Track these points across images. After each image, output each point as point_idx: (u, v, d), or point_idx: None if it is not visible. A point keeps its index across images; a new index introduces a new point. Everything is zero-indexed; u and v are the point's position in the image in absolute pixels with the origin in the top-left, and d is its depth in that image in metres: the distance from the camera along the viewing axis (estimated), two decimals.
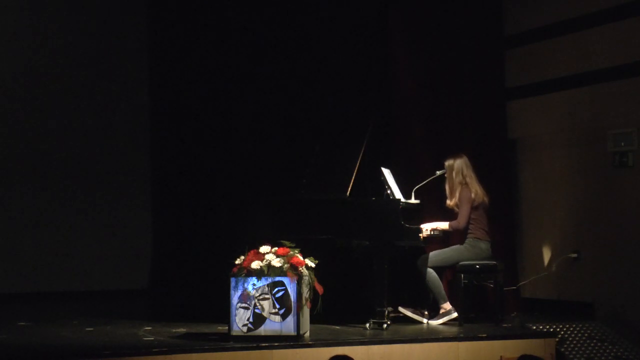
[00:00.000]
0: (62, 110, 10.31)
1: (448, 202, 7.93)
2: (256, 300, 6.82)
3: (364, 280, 7.75)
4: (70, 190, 10.31)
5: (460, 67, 8.73)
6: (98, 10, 10.38)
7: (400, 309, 7.92)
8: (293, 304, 6.80)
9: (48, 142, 10.27)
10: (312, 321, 7.15)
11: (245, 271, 6.85)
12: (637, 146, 7.90)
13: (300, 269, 6.87)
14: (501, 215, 8.46)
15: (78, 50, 10.33)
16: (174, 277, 8.71)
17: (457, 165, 7.90)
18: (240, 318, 6.82)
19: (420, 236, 7.49)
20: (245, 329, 6.82)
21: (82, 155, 10.34)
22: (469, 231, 7.85)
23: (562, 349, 7.36)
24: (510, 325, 7.77)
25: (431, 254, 7.81)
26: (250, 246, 7.01)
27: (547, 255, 8.64)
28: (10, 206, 10.13)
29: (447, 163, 7.94)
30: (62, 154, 10.30)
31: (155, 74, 9.29)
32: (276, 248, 6.94)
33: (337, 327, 7.50)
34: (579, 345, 7.46)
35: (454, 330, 7.46)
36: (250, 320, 6.81)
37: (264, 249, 6.93)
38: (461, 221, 7.81)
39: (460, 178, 7.87)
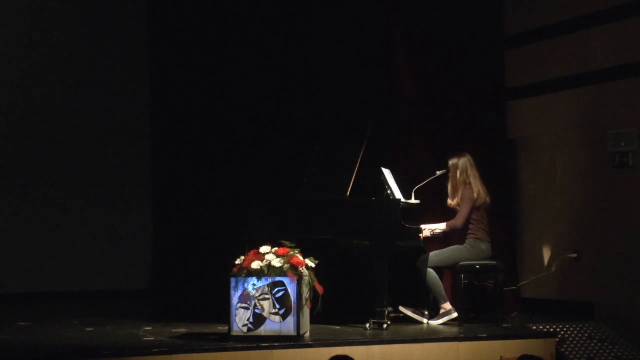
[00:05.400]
0: (62, 111, 10.32)
1: (449, 201, 7.93)
2: (256, 300, 6.82)
3: (364, 280, 7.75)
4: (71, 190, 10.32)
5: (460, 67, 8.72)
6: (98, 10, 10.39)
7: (401, 308, 7.92)
8: (293, 304, 6.80)
9: (48, 142, 10.28)
10: (312, 321, 7.15)
11: (245, 271, 6.85)
12: (637, 146, 7.90)
13: (300, 269, 6.87)
14: (501, 215, 8.46)
15: (78, 50, 10.34)
16: (174, 277, 8.70)
17: (462, 164, 7.89)
18: (240, 318, 6.82)
19: (420, 236, 7.49)
20: (245, 329, 6.82)
21: (82, 156, 10.34)
22: (470, 231, 7.84)
23: (562, 349, 7.36)
24: (510, 325, 7.77)
25: (431, 254, 7.80)
26: (250, 246, 7.01)
27: (547, 255, 8.64)
28: (10, 206, 10.14)
29: (451, 162, 7.93)
30: (62, 154, 10.30)
31: (156, 74, 9.29)
32: (276, 248, 6.94)
33: (337, 327, 7.50)
34: (579, 345, 7.46)
35: (454, 330, 7.46)
36: (250, 320, 6.81)
37: (264, 249, 6.93)
38: (458, 220, 7.81)
39: (464, 177, 7.86)
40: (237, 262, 6.94)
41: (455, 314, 7.71)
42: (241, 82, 8.98)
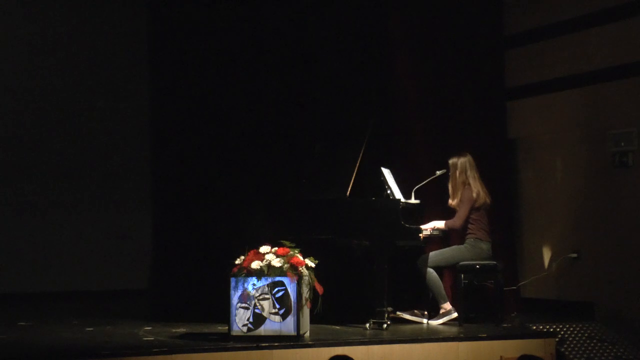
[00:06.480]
0: (62, 111, 10.32)
1: (450, 201, 7.93)
2: (256, 300, 6.82)
3: (364, 280, 7.75)
4: (71, 190, 10.32)
5: (460, 67, 8.72)
6: (98, 10, 10.39)
7: (399, 313, 7.91)
8: (293, 304, 6.81)
9: (48, 142, 10.29)
10: (312, 321, 7.15)
11: (245, 271, 6.85)
12: (637, 146, 7.91)
13: (300, 269, 6.87)
14: (501, 215, 8.46)
15: (78, 50, 10.35)
16: (174, 277, 8.69)
17: (461, 165, 7.89)
18: (240, 318, 6.82)
19: (420, 236, 7.49)
20: (245, 329, 6.82)
21: (83, 156, 10.35)
22: (470, 231, 7.84)
23: (562, 349, 7.37)
24: (510, 325, 7.77)
25: (431, 254, 7.81)
26: (250, 246, 7.01)
27: (547, 255, 8.64)
28: (11, 206, 10.14)
29: (451, 162, 7.93)
30: (63, 155, 10.31)
31: (156, 73, 9.27)
32: (276, 248, 6.94)
33: (337, 327, 7.50)
34: (579, 345, 7.46)
35: (454, 330, 7.46)
36: (250, 320, 6.81)
37: (264, 249, 6.93)
38: (457, 221, 7.80)
39: (464, 177, 7.87)
40: (237, 262, 6.94)
41: (455, 314, 7.71)
42: (241, 81, 8.97)
